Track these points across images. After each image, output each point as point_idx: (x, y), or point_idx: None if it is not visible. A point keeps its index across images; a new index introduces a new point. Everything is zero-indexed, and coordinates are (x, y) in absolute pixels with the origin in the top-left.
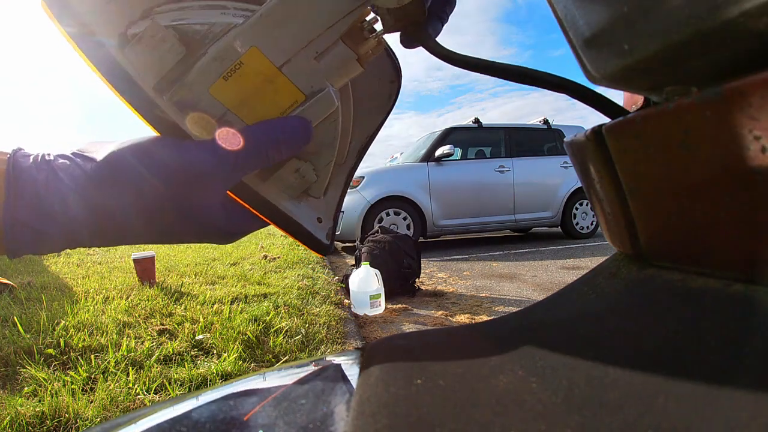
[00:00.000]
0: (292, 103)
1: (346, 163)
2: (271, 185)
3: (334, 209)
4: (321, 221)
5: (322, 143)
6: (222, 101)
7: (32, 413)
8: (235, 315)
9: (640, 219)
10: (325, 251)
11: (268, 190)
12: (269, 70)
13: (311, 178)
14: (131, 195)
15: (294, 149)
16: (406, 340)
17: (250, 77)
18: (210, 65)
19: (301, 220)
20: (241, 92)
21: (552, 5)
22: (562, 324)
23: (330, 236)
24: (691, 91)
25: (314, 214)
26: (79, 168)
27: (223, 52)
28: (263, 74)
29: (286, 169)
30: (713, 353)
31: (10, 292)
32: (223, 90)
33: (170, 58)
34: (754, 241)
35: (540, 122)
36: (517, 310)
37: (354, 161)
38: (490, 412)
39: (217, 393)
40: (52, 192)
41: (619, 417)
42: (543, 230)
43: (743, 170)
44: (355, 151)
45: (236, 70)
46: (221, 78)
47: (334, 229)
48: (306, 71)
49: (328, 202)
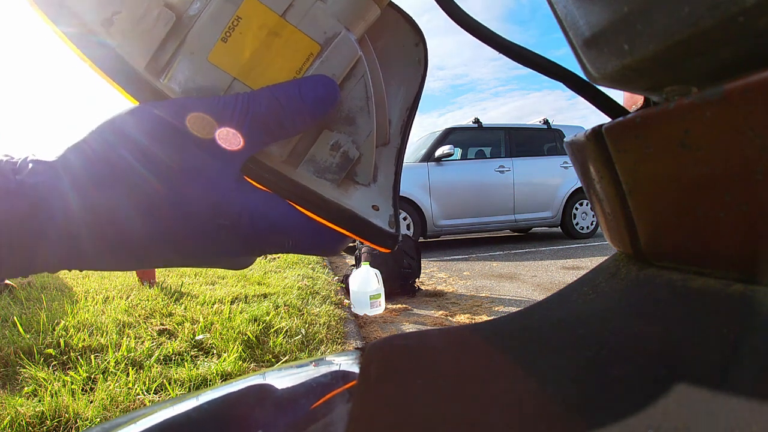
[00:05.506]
0: (307, 57)
1: (391, 143)
2: (306, 170)
3: (391, 195)
4: (378, 209)
5: (354, 107)
6: (226, 69)
7: (32, 413)
8: (235, 315)
9: (640, 219)
10: (392, 242)
11: (304, 176)
12: (272, 19)
13: (353, 154)
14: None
15: (317, 113)
16: (406, 340)
17: (252, 33)
18: (205, 28)
19: (354, 208)
20: (245, 53)
21: (552, 5)
22: (562, 324)
23: (394, 224)
24: (691, 91)
25: (368, 202)
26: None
27: (217, 10)
28: (266, 27)
29: (319, 146)
30: (713, 353)
31: (10, 292)
32: (225, 54)
33: (160, 28)
34: (754, 241)
35: (540, 122)
36: (517, 310)
37: (400, 140)
38: (490, 412)
39: (217, 393)
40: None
41: (619, 417)
42: (543, 230)
43: (743, 170)
44: (398, 128)
45: (234, 28)
46: (219, 41)
47: (396, 216)
48: (313, 15)
49: (381, 187)
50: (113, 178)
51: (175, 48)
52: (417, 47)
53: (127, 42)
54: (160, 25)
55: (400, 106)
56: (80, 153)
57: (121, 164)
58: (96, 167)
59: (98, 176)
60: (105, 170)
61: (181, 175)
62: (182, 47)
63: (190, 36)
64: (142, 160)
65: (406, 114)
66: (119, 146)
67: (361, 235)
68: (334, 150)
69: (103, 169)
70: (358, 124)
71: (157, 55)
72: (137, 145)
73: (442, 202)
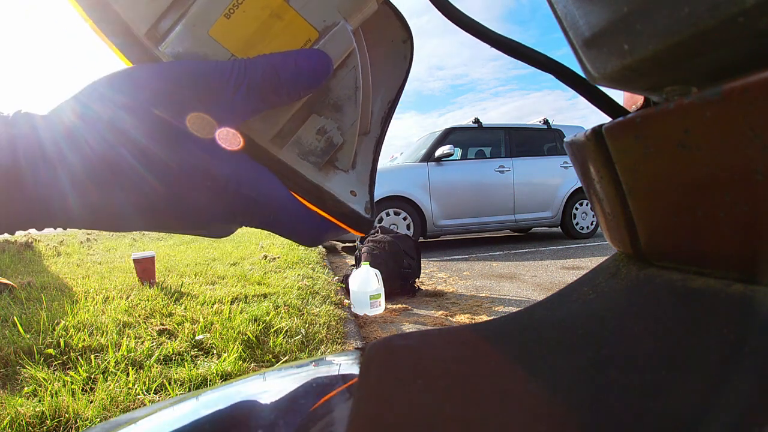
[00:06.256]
0: (305, 42)
1: (371, 132)
2: (291, 151)
3: (367, 182)
4: (355, 194)
5: (342, 96)
6: (225, 45)
7: (32, 413)
8: (235, 315)
9: (640, 219)
10: (367, 227)
11: (288, 156)
12: (275, 2)
13: (337, 140)
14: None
15: (311, 83)
16: (406, 340)
17: (254, 13)
18: (210, 2)
19: (333, 191)
20: (245, 32)
21: (552, 5)
22: (562, 324)
23: (369, 209)
24: (691, 91)
25: (347, 187)
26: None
27: None
28: (269, 8)
29: (306, 129)
30: (713, 353)
31: (10, 292)
32: (225, 31)
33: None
34: (754, 241)
35: (540, 122)
36: (517, 310)
37: (379, 131)
38: (490, 413)
39: (217, 393)
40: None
41: (619, 417)
42: (543, 230)
43: (743, 170)
44: (379, 119)
45: (239, 5)
46: (222, 16)
47: (371, 202)
48: (316, 3)
49: (359, 174)
50: (98, 136)
51: (177, 17)
52: (405, 44)
53: (130, 6)
54: None
55: (382, 98)
56: (68, 110)
57: (108, 118)
58: (83, 122)
59: (81, 133)
60: (94, 125)
61: (172, 133)
62: (185, 18)
63: (194, 8)
64: (133, 116)
65: (388, 106)
66: (110, 101)
67: (339, 218)
68: (320, 134)
69: (93, 123)
70: (345, 111)
71: (158, 23)
72: (129, 99)
73: (442, 202)
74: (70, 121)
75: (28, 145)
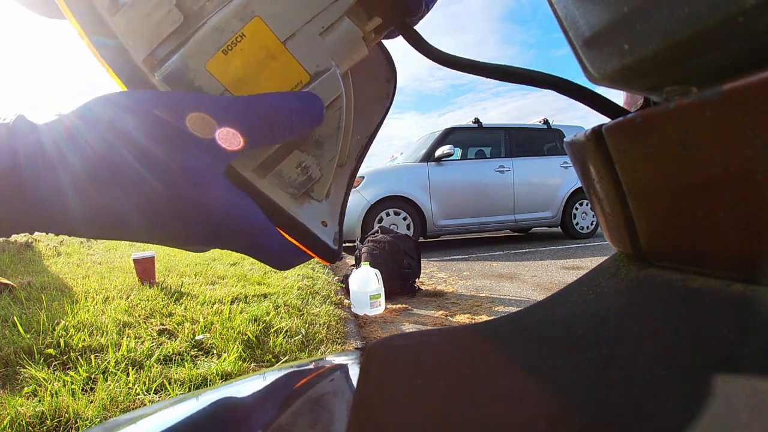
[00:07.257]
0: (296, 84)
1: (347, 165)
2: (271, 182)
3: (338, 213)
4: (326, 225)
5: (326, 134)
6: (219, 79)
7: (32, 413)
8: (235, 315)
9: (640, 219)
10: (333, 257)
11: (268, 187)
12: (273, 44)
13: (315, 175)
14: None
15: (305, 127)
16: (406, 340)
17: (251, 52)
18: (209, 37)
19: (305, 222)
20: (240, 69)
21: (552, 5)
22: (563, 324)
23: (337, 241)
24: (691, 91)
25: (318, 217)
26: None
27: (225, 23)
28: (266, 49)
29: (287, 164)
30: (713, 353)
31: (10, 292)
32: (221, 66)
33: (166, 26)
34: (754, 241)
35: (540, 122)
36: (517, 310)
37: (355, 164)
38: (490, 412)
39: (217, 393)
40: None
41: (620, 417)
42: (543, 230)
43: (743, 170)
44: (356, 152)
45: (237, 43)
46: (220, 52)
47: (341, 233)
48: (311, 48)
49: (332, 205)
50: (99, 140)
51: (175, 47)
52: (388, 83)
53: (129, 31)
54: (167, 22)
55: (361, 133)
56: (66, 120)
57: (108, 139)
58: (82, 134)
59: (81, 138)
60: (94, 146)
61: (168, 157)
62: (183, 48)
63: (193, 40)
64: (129, 138)
65: (365, 140)
66: (108, 120)
67: (310, 248)
68: (300, 169)
69: (92, 143)
70: (326, 148)
71: (156, 51)
72: (126, 123)
73: (442, 202)
74: (71, 127)
75: (28, 149)
